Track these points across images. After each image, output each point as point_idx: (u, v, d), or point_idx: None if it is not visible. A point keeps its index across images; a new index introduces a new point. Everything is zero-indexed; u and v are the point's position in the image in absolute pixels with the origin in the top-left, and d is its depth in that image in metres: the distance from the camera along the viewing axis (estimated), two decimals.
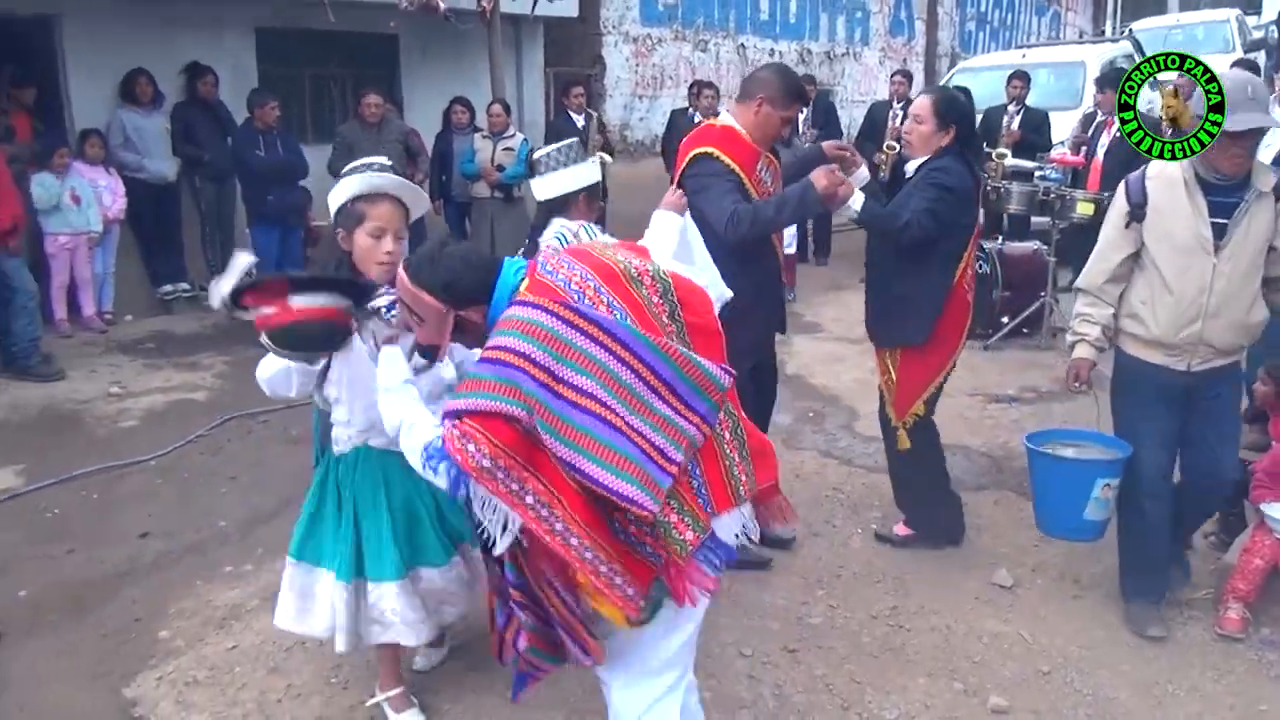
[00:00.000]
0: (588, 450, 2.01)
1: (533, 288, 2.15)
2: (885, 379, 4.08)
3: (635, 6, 12.51)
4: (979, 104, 9.81)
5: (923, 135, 3.85)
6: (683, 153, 3.78)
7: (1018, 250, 7.46)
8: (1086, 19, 24.78)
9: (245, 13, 8.76)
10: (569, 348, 2.04)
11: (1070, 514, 3.58)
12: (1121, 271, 3.43)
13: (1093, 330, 3.52)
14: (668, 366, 2.12)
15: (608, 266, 2.19)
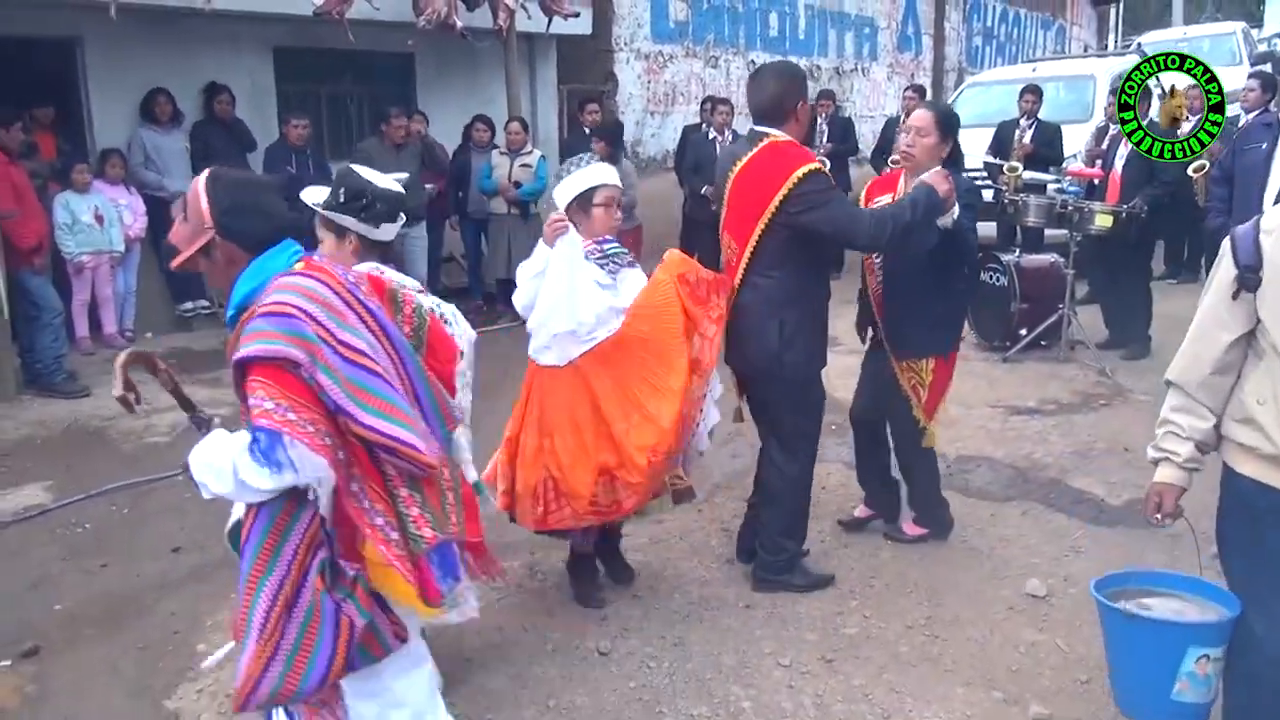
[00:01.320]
0: (365, 402, 1.99)
1: (310, 268, 2.15)
2: (914, 386, 4.11)
3: (646, 24, 12.59)
4: (991, 118, 9.89)
5: (927, 148, 3.93)
6: (768, 174, 3.52)
7: (1035, 263, 7.48)
8: (1091, 33, 24.91)
9: (263, 32, 8.84)
10: (345, 315, 2.07)
11: (1154, 693, 2.64)
12: (1230, 360, 2.47)
13: (1182, 447, 2.58)
14: (420, 378, 2.21)
15: (379, 279, 2.30)
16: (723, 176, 3.74)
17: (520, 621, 3.74)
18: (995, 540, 4.36)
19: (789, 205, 3.48)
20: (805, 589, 3.86)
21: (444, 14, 8.39)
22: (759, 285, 3.63)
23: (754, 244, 3.58)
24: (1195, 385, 2.54)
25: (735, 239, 3.67)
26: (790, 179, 3.46)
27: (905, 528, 4.38)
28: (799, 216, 3.49)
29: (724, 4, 13.66)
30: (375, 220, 2.94)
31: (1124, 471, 5.10)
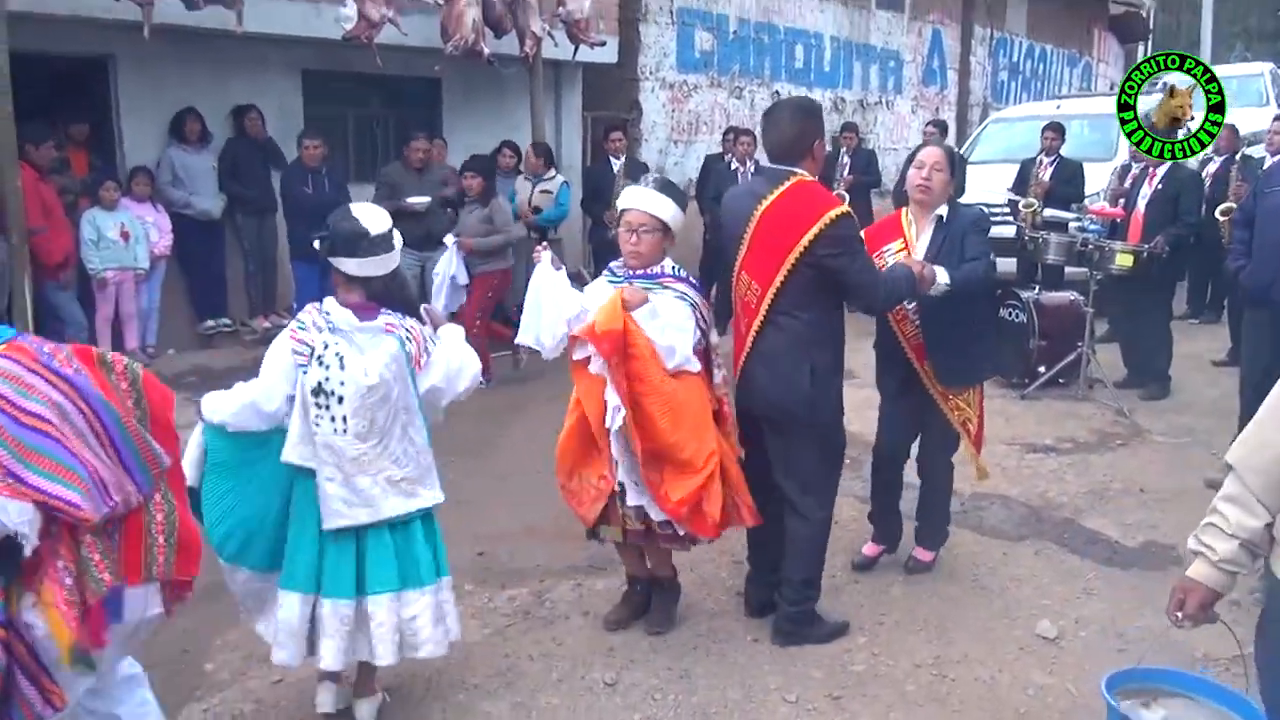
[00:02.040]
0: (36, 465, 2.22)
1: (9, 349, 2.34)
2: (964, 422, 4.19)
3: (672, 54, 12.68)
4: (1014, 154, 9.90)
5: (943, 183, 4.04)
6: (797, 213, 3.45)
7: (1054, 300, 7.46)
8: (1118, 70, 24.86)
9: (292, 55, 8.96)
10: (32, 387, 2.27)
11: None
12: None
13: (1223, 545, 2.20)
14: (118, 429, 2.39)
15: (86, 349, 2.46)
16: (743, 215, 3.57)
17: (527, 650, 3.74)
18: (1007, 579, 4.33)
19: (818, 246, 3.41)
20: (827, 640, 3.79)
21: (471, 40, 8.48)
22: (786, 327, 3.52)
23: (779, 284, 3.47)
24: (1255, 475, 2.15)
25: (757, 279, 3.52)
26: (822, 220, 3.40)
27: (921, 555, 4.42)
28: (827, 260, 3.43)
29: (749, 35, 13.74)
30: (326, 251, 3.06)
31: (1139, 513, 5.07)
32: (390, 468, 3.04)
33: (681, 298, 3.54)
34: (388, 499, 3.05)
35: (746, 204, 3.59)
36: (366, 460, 3.00)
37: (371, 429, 3.00)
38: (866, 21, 15.78)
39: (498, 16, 8.86)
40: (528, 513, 5.04)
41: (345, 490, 3.00)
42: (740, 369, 3.65)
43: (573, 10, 9.45)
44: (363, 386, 2.96)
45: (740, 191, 3.90)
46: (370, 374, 2.97)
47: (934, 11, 17.23)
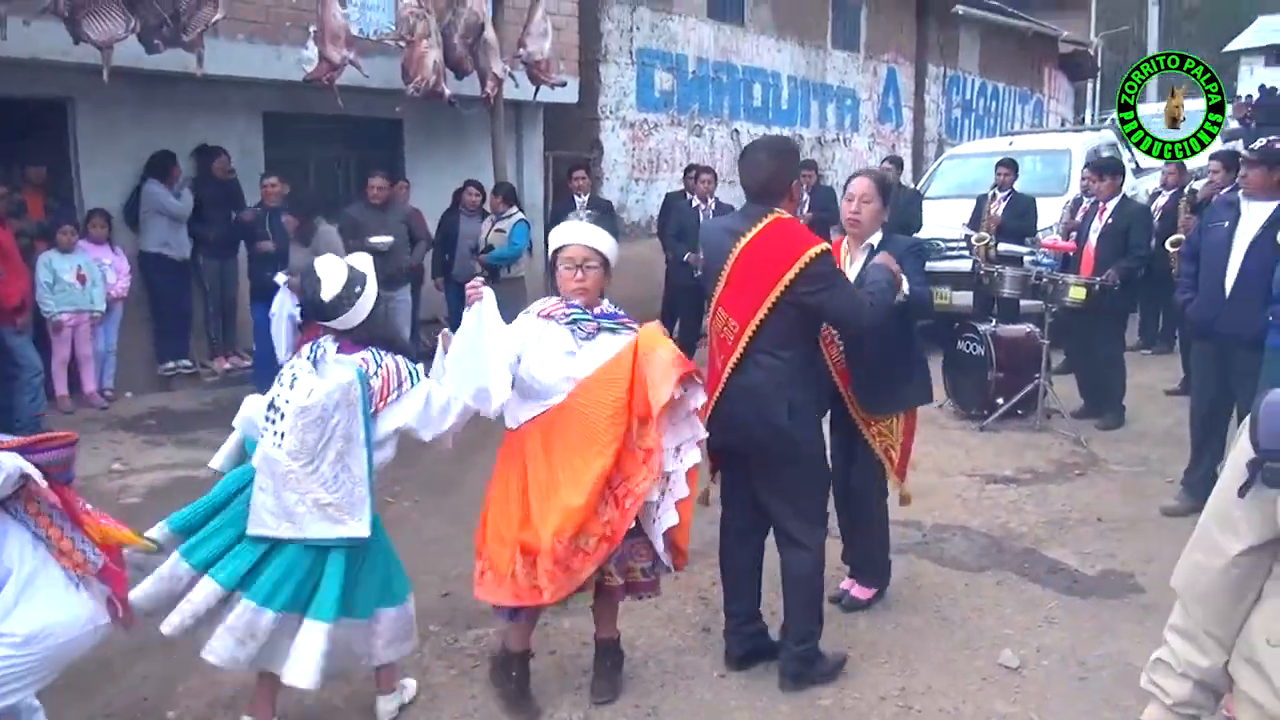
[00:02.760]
0: None
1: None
2: (886, 449, 4.17)
3: (632, 93, 12.84)
4: (969, 189, 10.09)
5: (873, 213, 4.08)
6: (777, 252, 3.47)
7: (1011, 333, 7.59)
8: (1068, 107, 25.47)
9: (253, 97, 8.97)
10: None
11: None
12: (1239, 578, 1.86)
13: (1174, 686, 1.96)
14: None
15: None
16: (721, 251, 3.57)
17: (495, 689, 3.72)
18: (969, 610, 4.37)
19: (800, 285, 3.42)
20: (832, 675, 3.77)
21: (433, 82, 8.55)
22: (766, 365, 3.51)
23: (758, 323, 3.46)
24: (1197, 605, 1.89)
25: (735, 317, 3.51)
26: (803, 258, 3.41)
27: (857, 592, 4.38)
28: (808, 297, 3.44)
29: (708, 75, 13.95)
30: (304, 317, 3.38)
31: (1097, 542, 5.14)
32: (318, 490, 3.12)
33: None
34: (314, 521, 3.13)
35: (724, 240, 3.59)
36: (294, 478, 3.11)
37: (302, 449, 3.11)
38: (823, 61, 16.08)
39: (458, 58, 8.94)
40: None
41: (273, 501, 3.12)
42: (715, 404, 3.60)
43: (533, 51, 9.56)
44: (298, 406, 3.11)
45: (717, 227, 3.86)
46: (311, 396, 3.11)
47: (888, 51, 17.59)
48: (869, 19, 17.04)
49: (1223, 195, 6.75)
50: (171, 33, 7.04)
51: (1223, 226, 5.29)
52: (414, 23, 8.44)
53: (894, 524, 5.33)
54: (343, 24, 8.13)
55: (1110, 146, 11.71)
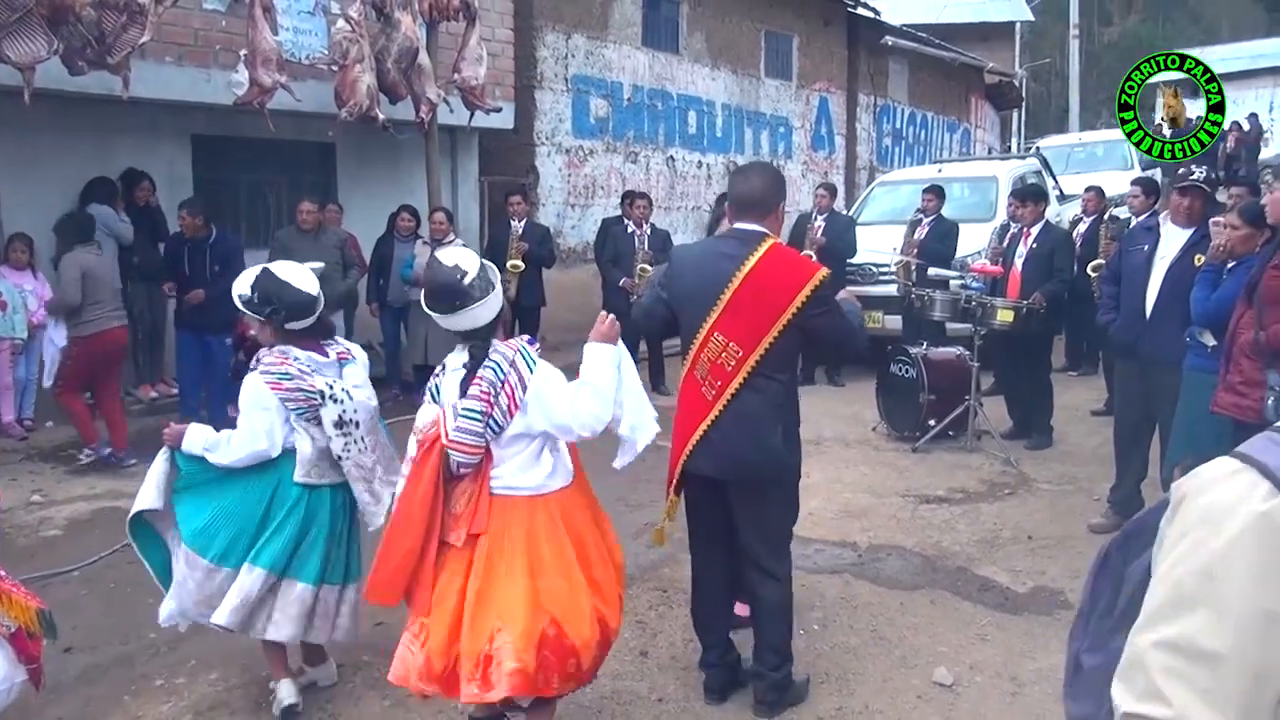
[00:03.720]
0: None
1: None
2: None
3: (568, 119, 12.89)
4: (900, 215, 10.27)
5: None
6: (784, 275, 3.47)
7: (941, 355, 7.72)
8: (994, 136, 26.10)
9: (181, 120, 8.83)
10: None
11: None
12: None
13: None
14: None
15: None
16: (719, 276, 3.49)
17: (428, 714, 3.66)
18: (905, 629, 4.42)
19: (810, 308, 3.43)
20: (802, 699, 3.78)
21: (366, 106, 8.49)
22: (764, 388, 3.48)
23: (766, 347, 3.44)
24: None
25: (738, 341, 3.45)
26: (813, 280, 3.43)
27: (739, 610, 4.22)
28: (814, 319, 3.46)
29: (643, 102, 14.06)
30: (280, 322, 3.49)
31: (1028, 560, 5.23)
32: (381, 470, 3.61)
33: None
34: (387, 494, 3.55)
35: (721, 265, 3.52)
36: (379, 469, 3.59)
37: (376, 441, 3.60)
38: (756, 89, 16.29)
39: (392, 83, 8.89)
40: None
41: (370, 498, 3.58)
42: (705, 433, 3.51)
43: (468, 77, 9.54)
44: (370, 407, 3.59)
45: (708, 253, 3.73)
46: (372, 396, 3.62)
47: (820, 80, 17.88)
48: (801, 49, 17.33)
49: (1141, 220, 6.98)
50: (96, 55, 6.90)
51: (1142, 250, 5.45)
52: (347, 47, 8.39)
53: (830, 545, 5.39)
54: (274, 47, 8.04)
55: (1035, 174, 12.01)
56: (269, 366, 3.47)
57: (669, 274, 3.73)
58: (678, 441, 3.58)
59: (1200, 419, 4.47)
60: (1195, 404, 4.58)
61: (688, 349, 3.58)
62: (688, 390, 3.61)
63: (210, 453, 3.44)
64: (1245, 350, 4.02)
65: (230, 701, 3.78)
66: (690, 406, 3.57)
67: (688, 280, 3.62)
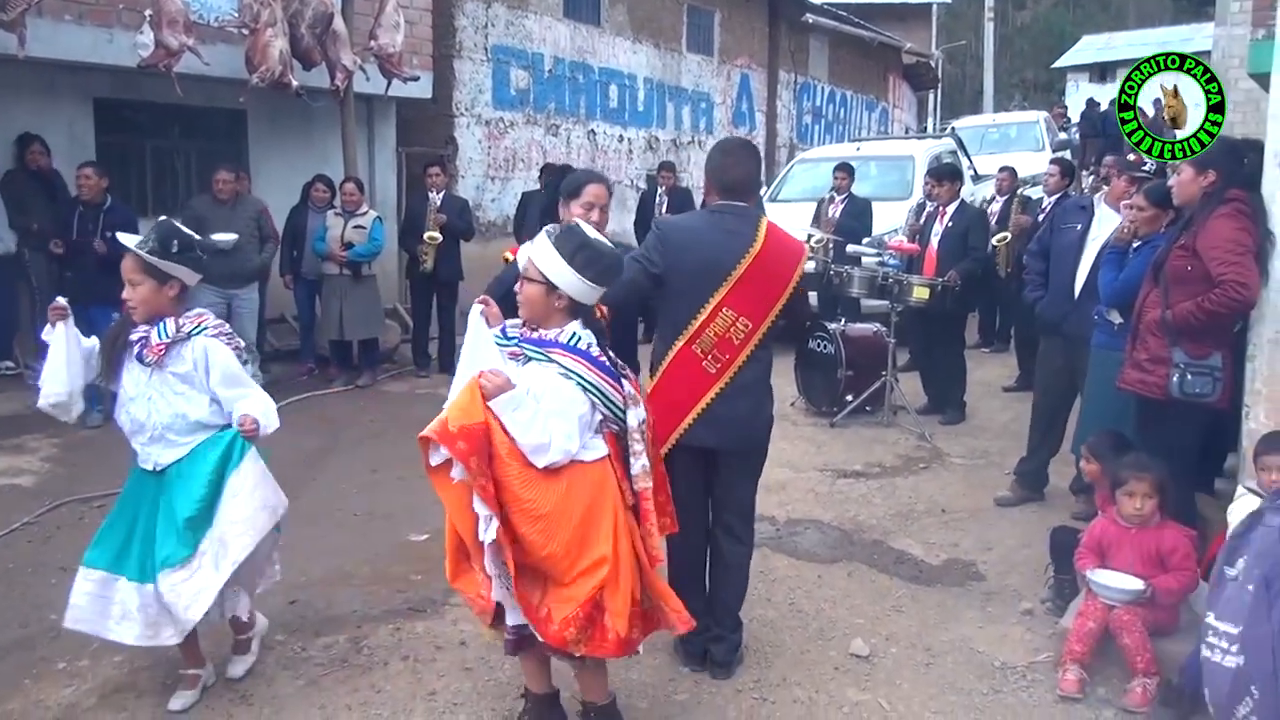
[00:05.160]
0: None
1: None
2: None
3: (488, 90, 12.70)
4: (818, 193, 10.36)
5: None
6: (784, 253, 3.63)
7: (859, 332, 7.82)
8: (912, 116, 26.50)
9: (83, 83, 8.48)
10: None
11: None
12: None
13: None
14: None
15: None
16: (730, 253, 3.54)
17: (344, 700, 3.59)
18: (822, 601, 4.47)
19: (801, 284, 3.68)
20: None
21: (278, 72, 8.25)
22: (761, 359, 3.66)
23: (771, 320, 3.61)
24: None
25: (748, 316, 3.55)
26: (803, 259, 3.69)
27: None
28: (798, 292, 3.68)
29: (564, 74, 13.92)
30: (199, 269, 3.36)
31: (941, 532, 5.34)
32: None
33: (567, 375, 2.95)
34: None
35: (728, 241, 3.56)
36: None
37: None
38: (678, 64, 16.26)
39: (306, 48, 8.66)
40: (341, 558, 4.87)
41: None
42: (709, 405, 3.56)
43: (385, 44, 9.33)
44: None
45: (703, 228, 3.65)
46: None
47: (741, 56, 17.92)
48: (722, 24, 17.33)
49: (1074, 199, 7.04)
50: None
51: (1075, 229, 5.49)
52: (258, 10, 8.13)
53: None
54: (181, 9, 7.75)
55: (950, 154, 12.22)
56: (217, 329, 3.44)
57: (663, 249, 3.59)
58: (670, 416, 3.54)
59: (1107, 396, 4.60)
60: (1102, 381, 4.70)
61: (684, 324, 3.56)
62: (682, 364, 3.59)
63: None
64: (1152, 328, 4.13)
65: (137, 684, 3.66)
66: (686, 381, 3.58)
67: (692, 256, 3.58)
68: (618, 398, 3.01)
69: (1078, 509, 5.38)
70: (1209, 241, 3.92)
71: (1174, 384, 4.01)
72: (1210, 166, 4.04)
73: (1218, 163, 4.03)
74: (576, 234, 3.01)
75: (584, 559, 2.92)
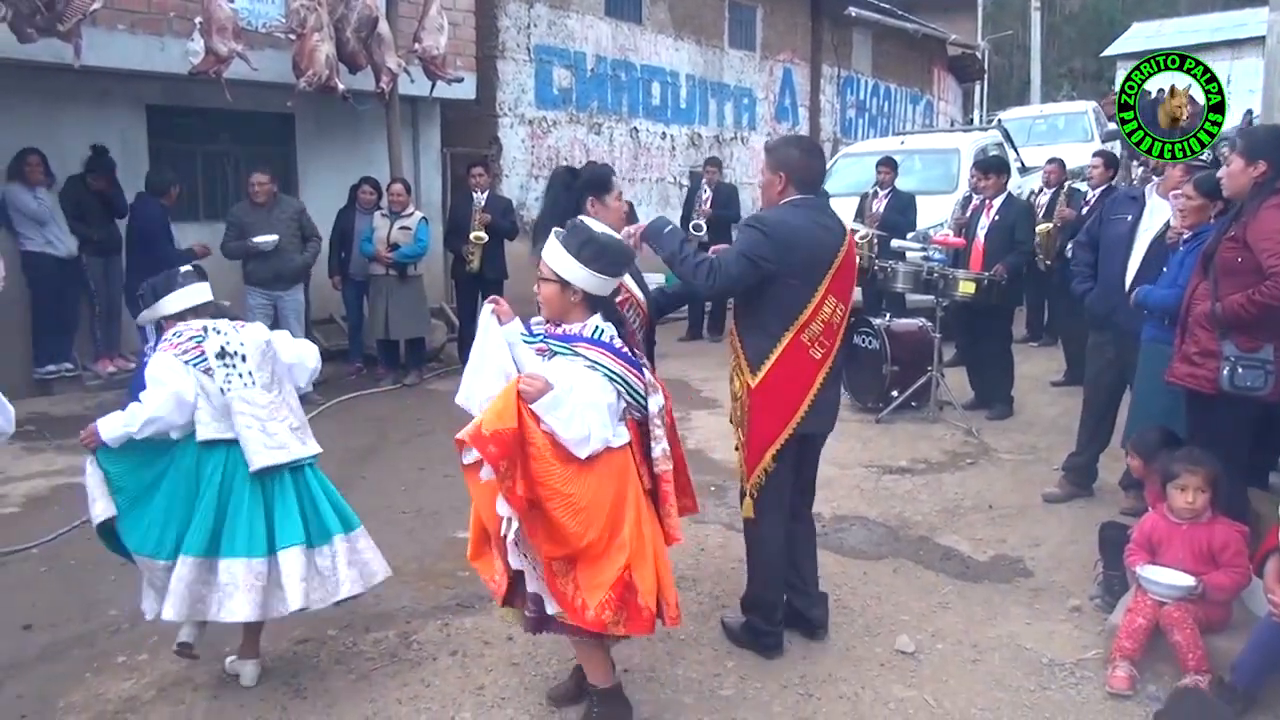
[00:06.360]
0: None
1: None
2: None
3: (531, 90, 12.76)
4: (863, 187, 10.28)
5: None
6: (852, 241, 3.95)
7: (904, 327, 7.77)
8: (957, 108, 26.19)
9: (135, 90, 8.65)
10: None
11: None
12: None
13: None
14: None
15: None
16: (830, 244, 3.72)
17: (394, 694, 3.66)
18: (868, 598, 4.47)
19: None
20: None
21: (325, 76, 8.37)
22: (842, 344, 3.90)
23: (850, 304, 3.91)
24: None
25: (844, 301, 3.81)
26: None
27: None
28: None
29: (606, 73, 13.95)
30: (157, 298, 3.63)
31: (988, 528, 5.30)
32: (290, 416, 3.58)
33: (593, 367, 3.06)
34: (293, 443, 3.54)
35: (826, 236, 3.75)
36: (274, 407, 3.52)
37: (273, 380, 3.56)
38: (720, 60, 16.22)
39: (352, 52, 8.77)
40: (391, 554, 4.88)
41: (263, 435, 3.46)
42: (818, 393, 3.75)
43: (429, 46, 9.42)
44: (261, 341, 3.56)
45: (805, 224, 3.71)
46: (262, 332, 3.61)
47: (784, 51, 17.83)
48: (765, 19, 17.25)
49: (1125, 189, 6.93)
50: (46, 21, 6.74)
51: (1125, 220, 5.39)
52: (304, 15, 8.25)
53: None
54: (230, 15, 7.90)
55: (997, 146, 12.09)
56: (168, 339, 3.58)
57: (773, 245, 3.63)
58: (783, 409, 3.72)
59: (1157, 390, 4.53)
60: (1152, 375, 4.63)
61: (795, 315, 3.68)
62: (792, 355, 3.70)
63: (130, 427, 3.40)
64: (1201, 321, 4.07)
65: (193, 678, 3.75)
66: (797, 371, 3.73)
67: (803, 251, 3.69)
68: (640, 385, 3.16)
69: (1127, 505, 5.31)
70: (1260, 233, 3.86)
71: (1224, 377, 3.95)
72: (1261, 157, 3.96)
73: (1268, 153, 3.96)
74: (582, 230, 3.18)
75: (615, 542, 3.07)
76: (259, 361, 3.54)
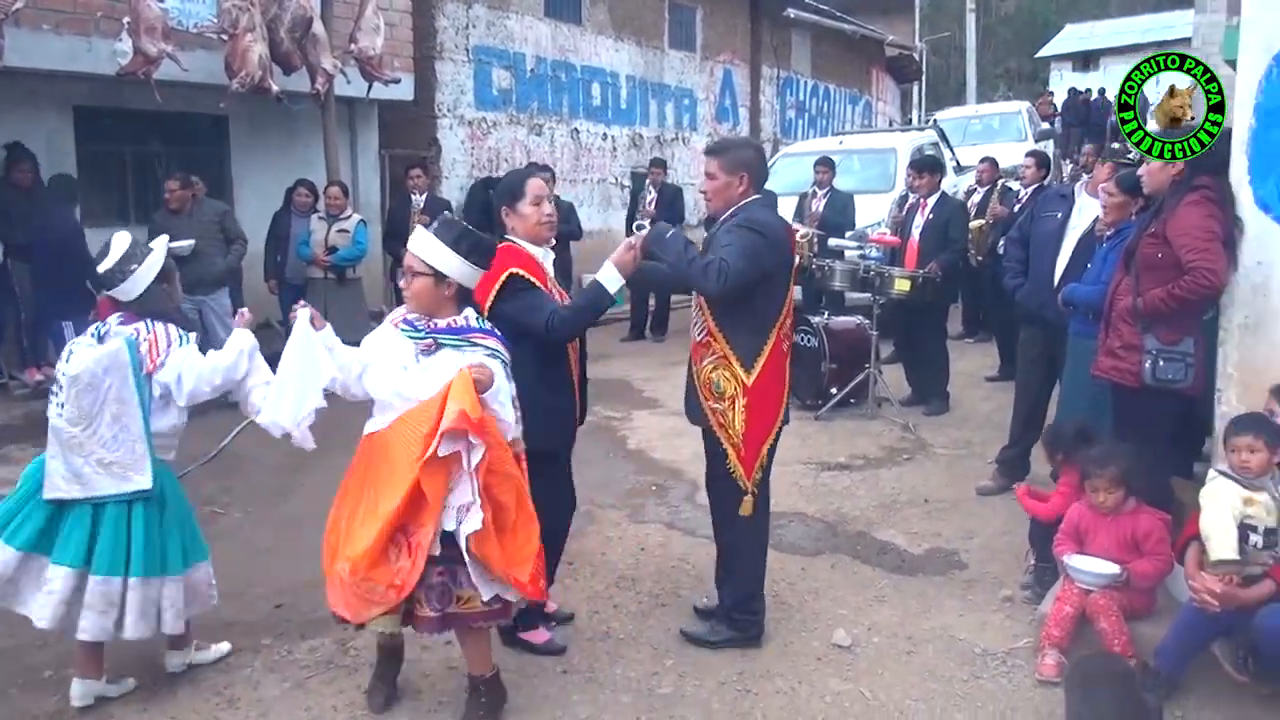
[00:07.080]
0: None
1: None
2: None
3: (470, 91, 12.70)
4: (802, 187, 10.37)
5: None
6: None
7: (842, 324, 7.86)
8: (895, 108, 26.54)
9: (63, 91, 8.47)
10: None
11: None
12: None
13: None
14: None
15: None
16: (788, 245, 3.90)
17: (330, 701, 3.62)
18: (805, 593, 4.51)
19: None
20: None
21: (258, 77, 8.25)
22: None
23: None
24: None
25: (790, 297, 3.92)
26: None
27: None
28: None
29: (546, 73, 13.93)
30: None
31: (924, 522, 5.38)
32: (100, 450, 3.37)
33: (494, 355, 3.24)
34: (100, 479, 3.38)
35: (786, 233, 3.91)
36: (76, 442, 3.36)
37: (80, 415, 3.36)
38: (660, 61, 16.27)
39: (286, 53, 8.66)
40: None
41: (62, 466, 3.38)
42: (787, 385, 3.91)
43: (365, 47, 9.34)
44: (68, 376, 3.38)
45: (777, 222, 3.86)
46: (79, 365, 3.36)
47: (724, 52, 17.94)
48: (704, 20, 17.34)
49: (1056, 187, 7.08)
50: None
51: (1055, 217, 5.52)
52: (236, 15, 8.13)
53: None
54: (159, 15, 7.76)
55: (933, 146, 12.26)
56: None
57: (770, 246, 3.68)
58: (773, 403, 3.84)
59: (1084, 383, 4.63)
60: (1078, 369, 4.73)
61: (777, 315, 3.78)
62: (777, 350, 3.79)
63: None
64: (1123, 316, 4.17)
65: None
66: (779, 366, 3.82)
67: (784, 250, 3.81)
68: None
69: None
70: (1178, 229, 3.96)
71: (1146, 370, 4.05)
72: None
73: None
74: (456, 224, 3.29)
75: (524, 514, 3.27)
76: (68, 395, 3.37)
